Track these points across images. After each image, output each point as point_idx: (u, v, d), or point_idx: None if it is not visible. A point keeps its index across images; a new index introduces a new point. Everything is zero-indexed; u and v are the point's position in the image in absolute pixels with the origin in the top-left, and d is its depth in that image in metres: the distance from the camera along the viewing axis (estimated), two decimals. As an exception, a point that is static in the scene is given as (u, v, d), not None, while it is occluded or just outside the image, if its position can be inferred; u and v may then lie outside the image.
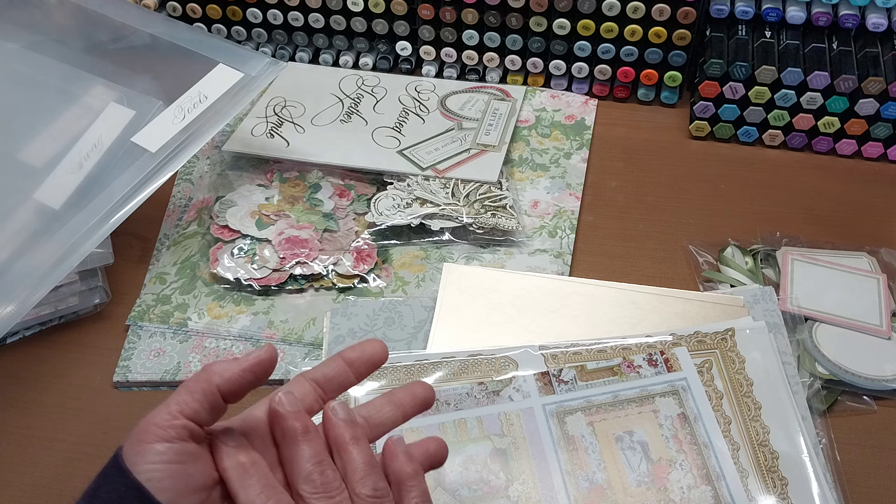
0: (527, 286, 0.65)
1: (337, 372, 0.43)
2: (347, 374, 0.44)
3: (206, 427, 0.39)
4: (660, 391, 0.57)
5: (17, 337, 0.66)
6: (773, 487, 0.53)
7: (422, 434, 0.55)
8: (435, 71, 0.89)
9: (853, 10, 0.76)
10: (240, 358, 0.40)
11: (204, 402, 0.38)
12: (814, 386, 0.60)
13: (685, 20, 0.78)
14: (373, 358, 0.44)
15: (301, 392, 0.42)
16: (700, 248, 0.70)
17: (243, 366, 0.39)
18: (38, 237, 0.61)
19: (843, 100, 0.75)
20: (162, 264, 0.70)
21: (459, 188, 0.73)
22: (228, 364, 0.39)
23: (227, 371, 0.39)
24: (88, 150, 0.65)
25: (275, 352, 0.40)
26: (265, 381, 0.40)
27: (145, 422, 0.37)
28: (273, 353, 0.40)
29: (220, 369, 0.39)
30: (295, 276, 0.68)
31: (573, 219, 0.73)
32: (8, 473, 0.58)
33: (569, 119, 0.83)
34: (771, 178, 0.78)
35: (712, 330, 0.60)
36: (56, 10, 0.76)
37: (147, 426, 0.37)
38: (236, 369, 0.39)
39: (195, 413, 0.38)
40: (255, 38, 0.91)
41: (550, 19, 0.82)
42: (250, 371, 0.39)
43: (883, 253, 0.69)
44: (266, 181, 0.76)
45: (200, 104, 0.67)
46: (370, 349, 0.44)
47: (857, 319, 0.63)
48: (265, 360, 0.40)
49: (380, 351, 0.44)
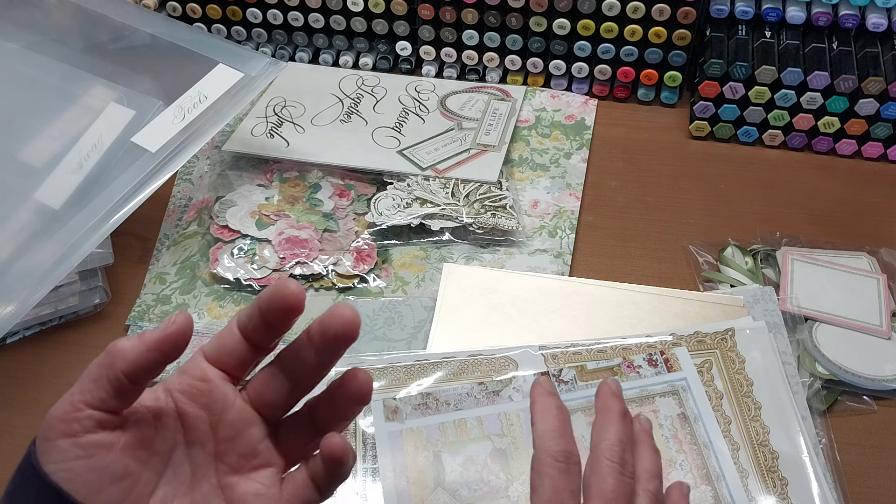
0: (527, 286, 0.65)
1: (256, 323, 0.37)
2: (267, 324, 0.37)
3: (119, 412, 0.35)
4: (660, 391, 0.57)
5: (17, 337, 0.66)
6: (773, 487, 0.53)
7: (423, 435, 0.55)
8: (435, 71, 0.89)
9: (853, 10, 0.76)
10: (146, 333, 0.35)
11: (109, 389, 0.34)
12: (814, 386, 0.60)
13: (685, 20, 0.78)
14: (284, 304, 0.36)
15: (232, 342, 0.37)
16: (700, 248, 0.70)
17: (148, 344, 0.34)
18: (38, 237, 0.61)
19: (843, 100, 0.75)
20: (162, 264, 0.70)
21: (459, 188, 0.73)
22: (133, 343, 0.34)
23: (131, 352, 0.34)
24: (88, 150, 0.65)
25: (186, 321, 0.35)
26: (180, 354, 0.35)
27: (48, 416, 0.34)
28: (184, 324, 0.35)
29: (123, 351, 0.34)
30: (295, 276, 0.68)
31: (573, 219, 0.73)
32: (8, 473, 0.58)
33: (569, 119, 0.83)
34: (771, 178, 0.78)
35: (712, 330, 0.60)
36: (56, 10, 0.76)
37: (50, 421, 0.34)
38: (141, 349, 0.34)
39: (101, 402, 0.34)
40: (255, 38, 0.91)
41: (550, 19, 0.82)
42: (157, 350, 0.34)
43: (883, 253, 0.69)
44: (266, 181, 0.76)
45: (200, 104, 0.67)
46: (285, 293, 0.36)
47: (857, 319, 0.63)
48: (174, 335, 0.34)
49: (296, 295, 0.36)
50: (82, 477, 0.33)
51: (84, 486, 0.33)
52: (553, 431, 0.41)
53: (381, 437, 0.55)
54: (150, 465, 0.36)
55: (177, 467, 0.37)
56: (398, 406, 0.56)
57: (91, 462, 0.34)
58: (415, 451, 0.54)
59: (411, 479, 0.53)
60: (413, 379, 0.58)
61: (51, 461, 0.33)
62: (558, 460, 0.40)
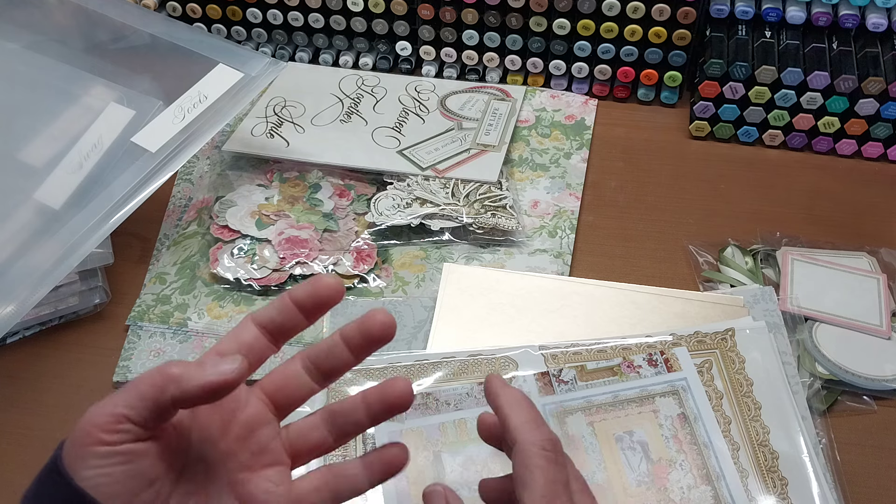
0: (527, 286, 0.65)
1: (286, 316, 0.38)
2: (298, 318, 0.38)
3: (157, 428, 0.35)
4: (660, 391, 0.57)
5: (17, 337, 0.66)
6: (773, 487, 0.53)
7: (423, 435, 0.55)
8: (435, 71, 0.89)
9: (853, 10, 0.76)
10: (206, 366, 0.34)
11: (154, 409, 0.34)
12: (814, 386, 0.60)
13: (685, 20, 0.78)
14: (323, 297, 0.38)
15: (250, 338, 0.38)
16: (700, 248, 0.70)
17: (205, 384, 0.34)
18: (38, 237, 0.61)
19: (843, 100, 0.75)
20: (162, 264, 0.70)
21: (459, 188, 0.73)
22: (190, 373, 0.34)
23: (188, 383, 0.34)
24: (88, 150, 0.65)
25: (244, 370, 0.35)
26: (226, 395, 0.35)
27: (85, 422, 0.34)
28: (241, 373, 0.35)
29: (179, 377, 0.34)
30: (295, 276, 0.68)
31: (573, 219, 0.73)
32: (8, 473, 0.58)
33: (569, 119, 0.83)
34: (771, 178, 0.78)
35: (712, 330, 0.60)
36: (56, 10, 0.76)
37: (87, 428, 0.34)
38: (198, 383, 0.34)
39: (142, 420, 0.34)
40: (255, 38, 0.91)
41: (550, 19, 0.82)
42: (212, 391, 0.34)
43: (883, 253, 0.69)
44: (266, 181, 0.76)
45: (200, 104, 0.67)
46: (323, 287, 0.38)
47: (857, 319, 0.63)
48: (231, 382, 0.34)
49: (333, 288, 0.38)
50: (117, 486, 0.34)
51: (118, 496, 0.34)
52: (532, 421, 0.39)
53: (381, 438, 0.55)
54: (174, 467, 0.37)
55: (192, 466, 0.38)
56: (398, 406, 0.56)
57: (126, 470, 0.34)
58: (415, 451, 0.54)
59: (411, 479, 0.53)
60: (413, 379, 0.58)
61: (86, 466, 0.33)
62: (546, 449, 0.38)
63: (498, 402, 0.41)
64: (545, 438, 0.39)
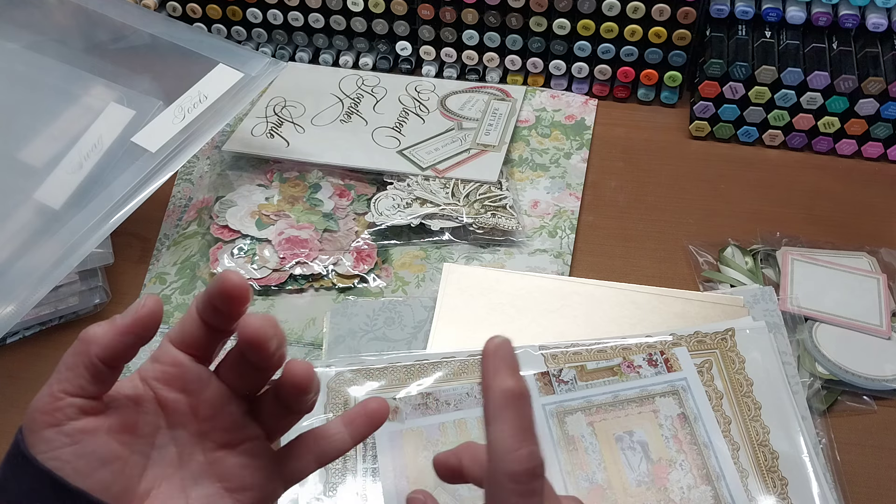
0: (527, 286, 0.65)
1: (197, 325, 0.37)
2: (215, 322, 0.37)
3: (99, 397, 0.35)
4: (660, 391, 0.57)
5: (17, 337, 0.66)
6: (773, 487, 0.53)
7: (423, 435, 0.55)
8: (435, 71, 0.89)
9: (853, 10, 0.76)
10: (117, 317, 0.35)
11: (86, 374, 0.34)
12: (814, 386, 0.60)
13: (685, 20, 0.78)
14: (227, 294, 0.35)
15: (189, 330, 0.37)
16: (700, 248, 0.70)
17: (120, 328, 0.35)
18: (38, 237, 0.61)
19: (843, 100, 0.75)
20: (162, 264, 0.70)
21: (459, 188, 0.73)
22: (105, 328, 0.35)
23: (103, 337, 0.34)
24: (88, 150, 0.65)
25: (156, 304, 0.35)
26: (153, 336, 0.35)
27: (31, 409, 0.34)
28: (154, 306, 0.35)
29: (96, 336, 0.34)
30: (295, 276, 0.68)
31: (573, 219, 0.73)
32: (8, 473, 0.58)
33: (569, 119, 0.83)
34: (771, 178, 0.78)
35: (712, 330, 0.60)
36: (56, 10, 0.76)
37: (32, 414, 0.34)
38: (113, 333, 0.34)
39: (80, 389, 0.34)
40: (255, 38, 0.91)
41: (550, 19, 0.82)
42: (129, 333, 0.35)
43: (883, 253, 0.69)
44: (266, 181, 0.76)
45: (200, 104, 0.67)
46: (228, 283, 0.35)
47: (857, 319, 0.63)
48: (145, 317, 0.35)
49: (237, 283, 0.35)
50: (71, 463, 0.34)
51: (74, 472, 0.34)
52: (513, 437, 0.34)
53: (381, 437, 0.55)
54: (137, 449, 0.37)
55: (162, 450, 0.37)
56: (398, 406, 0.56)
57: (78, 448, 0.34)
58: (415, 451, 0.54)
59: (411, 479, 0.53)
60: (413, 379, 0.58)
61: (39, 451, 0.34)
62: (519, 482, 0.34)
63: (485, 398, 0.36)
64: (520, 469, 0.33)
